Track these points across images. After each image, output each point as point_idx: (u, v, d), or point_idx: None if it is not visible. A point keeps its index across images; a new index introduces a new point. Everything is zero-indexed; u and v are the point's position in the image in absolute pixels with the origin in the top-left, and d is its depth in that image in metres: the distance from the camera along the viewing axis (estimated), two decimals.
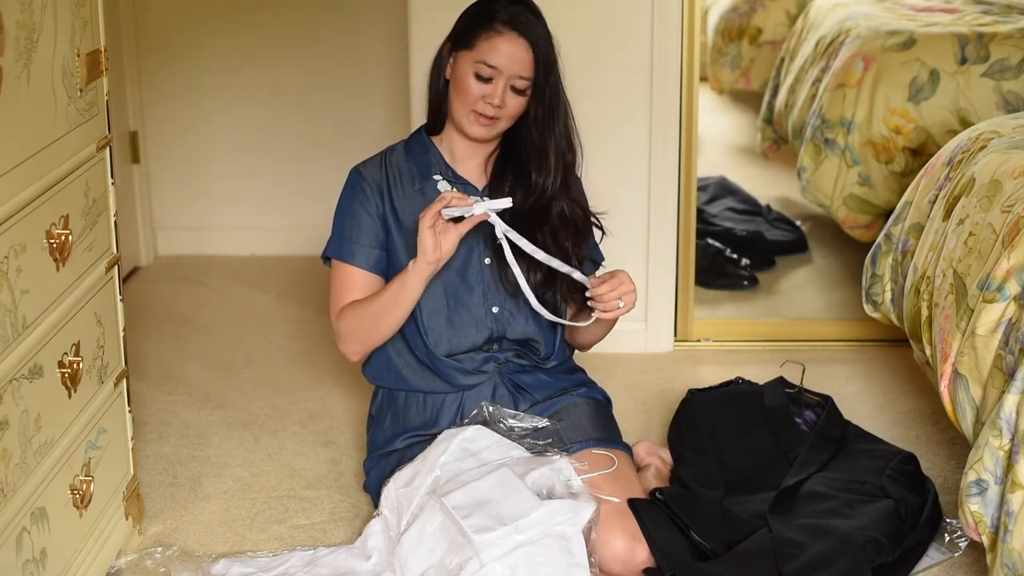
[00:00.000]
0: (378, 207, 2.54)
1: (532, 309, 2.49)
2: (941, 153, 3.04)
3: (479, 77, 2.44)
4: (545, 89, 2.48)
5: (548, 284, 2.52)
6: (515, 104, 2.47)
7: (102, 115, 2.35)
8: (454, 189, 2.54)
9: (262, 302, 4.05)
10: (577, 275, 2.44)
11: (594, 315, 2.44)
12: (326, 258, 2.59)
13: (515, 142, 2.55)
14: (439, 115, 2.55)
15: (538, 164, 2.52)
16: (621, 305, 2.41)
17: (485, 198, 2.43)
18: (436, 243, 2.36)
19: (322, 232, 2.69)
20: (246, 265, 4.40)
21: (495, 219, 2.36)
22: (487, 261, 2.54)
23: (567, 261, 2.49)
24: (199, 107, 4.43)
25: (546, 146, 2.52)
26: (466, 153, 2.56)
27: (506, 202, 2.35)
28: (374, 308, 2.49)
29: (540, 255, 2.41)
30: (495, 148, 2.57)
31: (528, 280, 2.46)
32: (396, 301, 2.46)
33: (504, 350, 2.57)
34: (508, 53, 2.44)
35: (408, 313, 2.48)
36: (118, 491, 2.49)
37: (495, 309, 2.55)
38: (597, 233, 2.65)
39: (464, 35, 2.49)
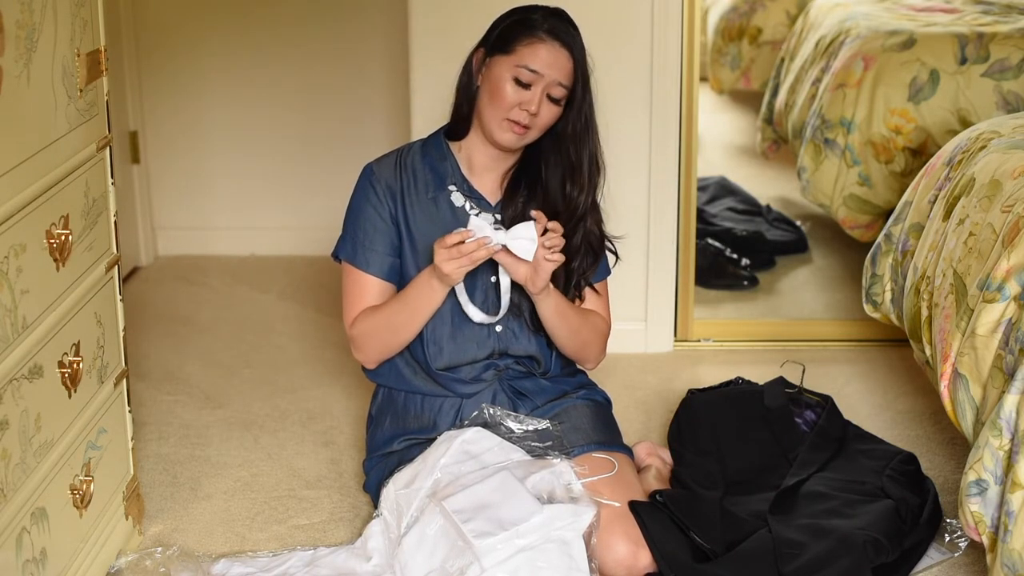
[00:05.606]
0: (392, 211, 2.52)
1: (534, 329, 2.53)
2: (941, 153, 3.04)
3: (518, 82, 2.41)
4: (583, 104, 2.47)
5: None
6: (548, 114, 2.44)
7: (102, 115, 2.35)
8: (468, 203, 2.53)
9: (262, 302, 4.05)
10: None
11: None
12: (337, 257, 2.58)
13: (533, 161, 2.53)
14: (465, 122, 2.52)
15: (572, 178, 2.50)
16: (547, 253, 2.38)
17: (500, 227, 2.41)
18: (457, 273, 2.36)
19: (322, 232, 2.69)
20: (246, 265, 4.40)
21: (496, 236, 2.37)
22: (492, 280, 2.53)
23: (578, 284, 2.54)
24: (199, 107, 4.43)
25: (581, 160, 2.50)
26: (485, 165, 2.53)
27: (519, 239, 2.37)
28: (395, 320, 2.48)
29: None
30: (512, 165, 2.56)
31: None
32: (420, 312, 2.46)
33: (504, 358, 2.57)
34: (550, 59, 2.41)
35: (429, 319, 2.48)
36: (118, 491, 2.49)
37: (498, 328, 2.54)
38: (610, 258, 2.65)
39: (501, 41, 2.45)
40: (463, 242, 2.33)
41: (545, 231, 2.37)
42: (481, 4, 2.59)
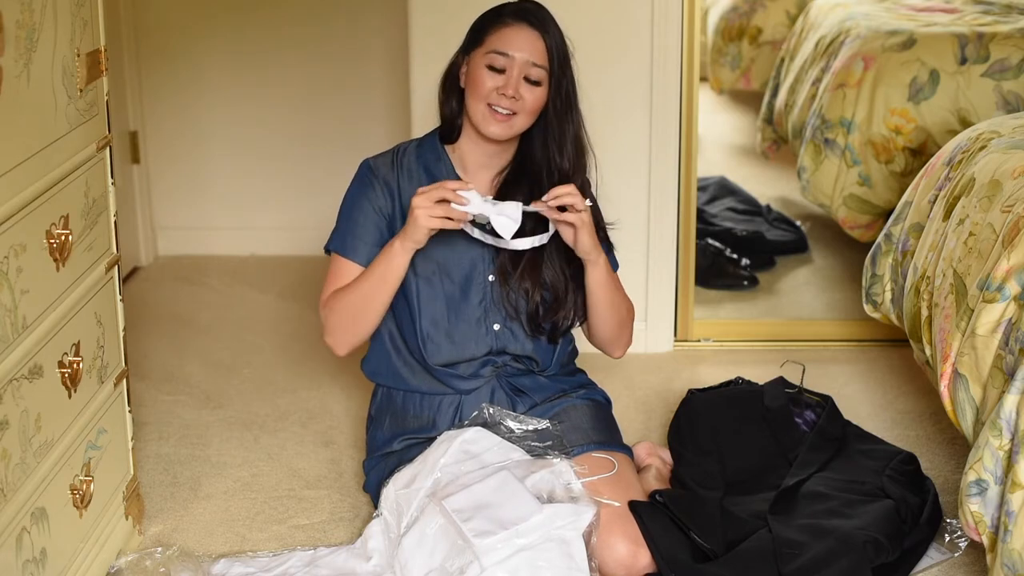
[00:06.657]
0: (386, 206, 2.53)
1: (532, 331, 2.53)
2: (941, 153, 3.04)
3: (492, 68, 2.43)
4: (562, 81, 2.48)
5: (552, 311, 2.53)
6: (531, 97, 2.45)
7: (102, 115, 2.35)
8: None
9: (262, 302, 4.05)
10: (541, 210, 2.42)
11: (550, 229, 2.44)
12: (328, 251, 2.58)
13: (526, 160, 2.53)
14: (454, 125, 2.54)
15: (558, 148, 2.51)
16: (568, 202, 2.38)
17: (489, 201, 2.41)
18: (428, 232, 2.35)
19: (322, 232, 2.69)
20: (246, 265, 4.40)
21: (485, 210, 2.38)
22: (491, 279, 2.53)
23: (577, 271, 2.51)
24: (199, 107, 4.43)
25: (564, 130, 2.50)
26: (479, 163, 2.54)
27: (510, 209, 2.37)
28: (360, 292, 2.46)
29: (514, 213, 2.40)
30: (506, 165, 2.56)
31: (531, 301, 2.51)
32: (384, 280, 2.44)
33: (502, 355, 2.57)
34: (518, 40, 2.44)
35: (393, 294, 2.46)
36: (118, 491, 2.49)
37: (496, 327, 2.54)
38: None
39: (473, 36, 2.50)
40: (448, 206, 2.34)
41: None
42: (481, 4, 2.59)
